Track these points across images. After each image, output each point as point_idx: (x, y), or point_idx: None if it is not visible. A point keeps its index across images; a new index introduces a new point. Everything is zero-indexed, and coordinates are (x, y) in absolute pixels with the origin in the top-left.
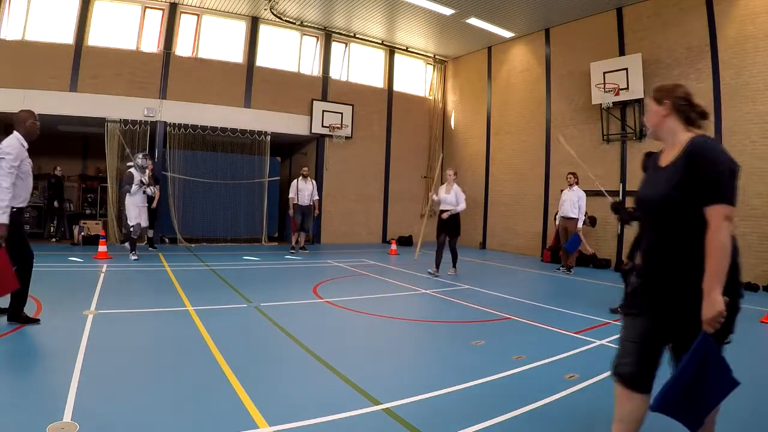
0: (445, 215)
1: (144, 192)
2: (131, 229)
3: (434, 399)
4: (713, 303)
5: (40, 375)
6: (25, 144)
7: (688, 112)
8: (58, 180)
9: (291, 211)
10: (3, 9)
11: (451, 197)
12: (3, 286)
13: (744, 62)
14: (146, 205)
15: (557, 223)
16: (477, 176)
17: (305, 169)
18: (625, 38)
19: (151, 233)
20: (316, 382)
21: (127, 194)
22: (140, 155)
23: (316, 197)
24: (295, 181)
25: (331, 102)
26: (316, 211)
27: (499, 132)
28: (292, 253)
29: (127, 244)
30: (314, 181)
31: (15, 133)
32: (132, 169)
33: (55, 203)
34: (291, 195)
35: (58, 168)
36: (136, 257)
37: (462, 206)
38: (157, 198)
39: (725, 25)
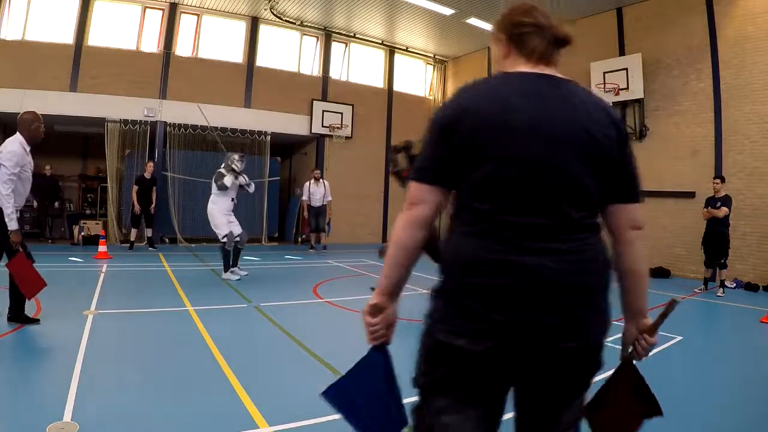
0: None
1: (232, 200)
2: (223, 240)
3: None
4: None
5: (40, 375)
6: (28, 147)
7: (532, 40)
8: (46, 179)
9: (305, 213)
10: (3, 9)
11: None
12: (32, 287)
13: (744, 62)
14: (232, 212)
15: None
16: None
17: (317, 171)
18: (625, 38)
19: (150, 233)
20: (316, 382)
21: (213, 195)
22: (236, 155)
23: (329, 198)
24: (308, 183)
25: (331, 102)
26: (329, 213)
27: None
28: (312, 252)
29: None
30: (327, 183)
31: (18, 135)
32: (222, 169)
33: (35, 203)
34: (304, 197)
35: (48, 167)
36: (238, 277)
37: None
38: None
39: (725, 25)
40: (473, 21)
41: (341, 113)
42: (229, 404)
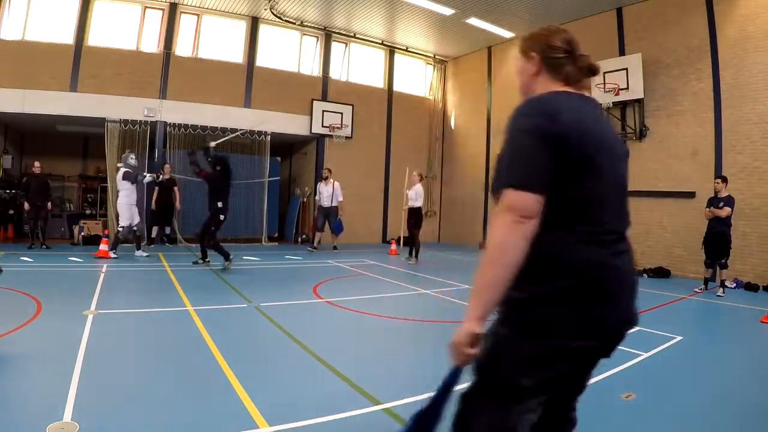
0: (405, 208)
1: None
2: (120, 229)
3: None
4: (461, 328)
5: (40, 375)
6: None
7: (565, 66)
8: (36, 178)
9: (316, 212)
10: (3, 9)
11: (412, 193)
12: None
13: (744, 62)
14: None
15: None
16: (477, 176)
17: (325, 171)
18: (625, 38)
19: (168, 230)
20: (316, 382)
21: (124, 190)
22: (132, 154)
23: (340, 199)
24: (319, 183)
25: (331, 102)
26: (339, 213)
27: (500, 132)
28: (312, 251)
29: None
30: (337, 183)
31: None
32: (127, 168)
33: (26, 204)
34: (316, 197)
35: (37, 164)
36: (147, 254)
37: (419, 202)
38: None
39: (725, 25)
40: (473, 21)
41: (341, 113)
42: (229, 404)
